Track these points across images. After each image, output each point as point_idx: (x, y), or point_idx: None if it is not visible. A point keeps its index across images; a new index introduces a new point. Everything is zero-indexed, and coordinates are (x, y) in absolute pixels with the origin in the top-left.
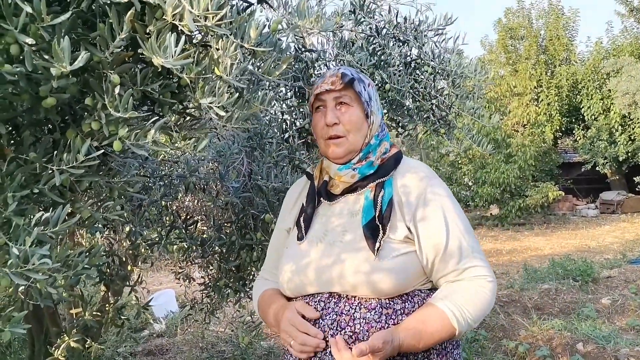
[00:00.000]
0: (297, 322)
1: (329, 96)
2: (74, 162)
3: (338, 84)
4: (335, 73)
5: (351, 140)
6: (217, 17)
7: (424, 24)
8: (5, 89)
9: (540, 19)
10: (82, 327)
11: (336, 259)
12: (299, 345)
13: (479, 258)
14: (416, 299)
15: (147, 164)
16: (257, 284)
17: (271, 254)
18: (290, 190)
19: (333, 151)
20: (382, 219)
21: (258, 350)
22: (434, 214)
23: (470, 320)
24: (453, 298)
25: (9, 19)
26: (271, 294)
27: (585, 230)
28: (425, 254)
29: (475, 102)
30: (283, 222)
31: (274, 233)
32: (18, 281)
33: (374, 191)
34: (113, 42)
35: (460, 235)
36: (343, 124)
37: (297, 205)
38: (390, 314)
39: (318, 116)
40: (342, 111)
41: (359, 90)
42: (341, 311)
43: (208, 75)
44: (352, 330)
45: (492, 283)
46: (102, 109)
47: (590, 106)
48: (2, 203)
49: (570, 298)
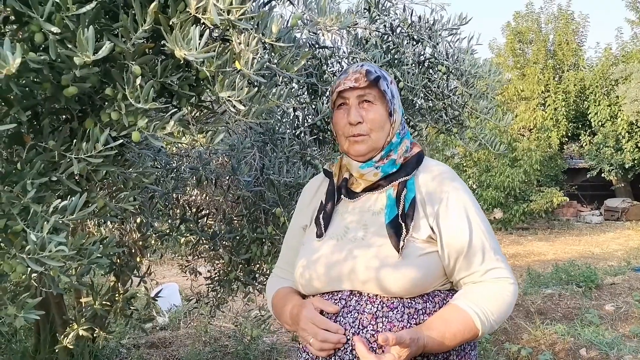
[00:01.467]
0: (316, 319)
1: (352, 94)
2: (92, 152)
3: (362, 81)
4: (359, 70)
5: (374, 139)
6: (240, 12)
7: (439, 23)
8: (27, 77)
9: (549, 24)
10: (91, 316)
11: (352, 258)
12: (319, 342)
13: (501, 260)
14: (437, 299)
15: (159, 156)
16: (270, 282)
17: (286, 252)
18: (307, 187)
19: (355, 149)
20: (405, 218)
21: (261, 346)
22: (456, 214)
23: (493, 322)
24: (476, 299)
25: (34, 7)
26: (286, 293)
27: (589, 237)
28: (447, 253)
29: (489, 101)
30: (299, 220)
31: (289, 231)
32: (35, 267)
33: (396, 190)
34: (135, 34)
35: (483, 236)
36: (367, 122)
37: (313, 202)
38: (412, 313)
39: (340, 113)
40: (366, 109)
41: (383, 89)
42: (363, 309)
43: (227, 69)
44: (374, 328)
45: (513, 285)
46: (123, 100)
47: (597, 112)
48: (21, 190)
49: (574, 304)
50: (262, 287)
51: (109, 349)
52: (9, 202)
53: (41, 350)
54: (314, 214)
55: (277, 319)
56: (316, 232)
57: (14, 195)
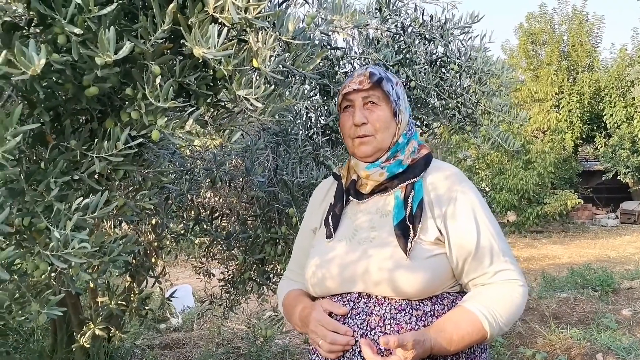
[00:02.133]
0: (325, 321)
1: (357, 96)
2: (112, 151)
3: (366, 83)
4: (363, 72)
5: (379, 139)
6: (257, 10)
7: (450, 22)
8: (50, 78)
9: (563, 25)
10: (107, 315)
11: (365, 258)
12: (328, 344)
13: (510, 262)
14: (445, 302)
15: (175, 157)
16: (282, 285)
17: (296, 254)
18: (317, 190)
19: (361, 150)
20: (413, 220)
21: (273, 348)
22: (464, 215)
23: (502, 324)
24: (484, 301)
25: (58, 9)
26: (296, 295)
27: (605, 240)
28: (455, 255)
29: (502, 99)
30: (309, 222)
31: (300, 233)
32: (58, 264)
33: (404, 191)
34: (155, 34)
35: (491, 238)
36: (371, 123)
37: (323, 205)
38: (421, 315)
39: (346, 116)
40: (370, 110)
41: (387, 90)
42: (371, 311)
43: (244, 68)
44: (382, 330)
45: (523, 287)
46: (142, 99)
47: (612, 114)
48: (44, 188)
49: (590, 308)
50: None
51: (124, 349)
52: (33, 201)
53: (58, 350)
54: (324, 216)
55: (288, 320)
56: (326, 234)
57: (38, 194)
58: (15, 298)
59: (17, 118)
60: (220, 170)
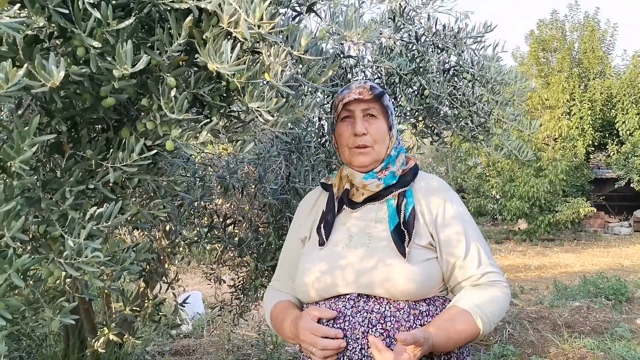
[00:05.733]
0: (314, 329)
1: (357, 106)
2: (127, 160)
3: (367, 94)
4: (362, 85)
5: (377, 150)
6: (270, 26)
7: (463, 31)
8: (68, 89)
9: (574, 32)
10: (121, 321)
11: (365, 261)
12: (321, 351)
13: (494, 265)
14: (437, 303)
15: (188, 165)
16: (268, 295)
17: (283, 265)
18: (304, 202)
19: (359, 160)
20: (407, 225)
21: (283, 355)
22: (453, 222)
23: (492, 322)
24: (476, 301)
25: (77, 23)
26: (285, 307)
27: (617, 249)
28: (445, 259)
29: (515, 108)
30: (297, 233)
31: (287, 244)
32: (71, 272)
33: (397, 200)
34: (171, 47)
35: (478, 243)
36: (370, 134)
37: (312, 215)
38: (417, 315)
39: (344, 125)
40: (369, 122)
41: (386, 104)
42: (371, 309)
43: (257, 80)
44: (383, 327)
45: (507, 288)
46: (158, 110)
47: (625, 121)
48: (60, 197)
49: (603, 317)
50: None
51: (135, 355)
52: (49, 209)
53: (70, 355)
54: (313, 226)
55: (276, 331)
56: (319, 241)
57: (54, 202)
58: (29, 304)
59: (34, 128)
60: (233, 177)
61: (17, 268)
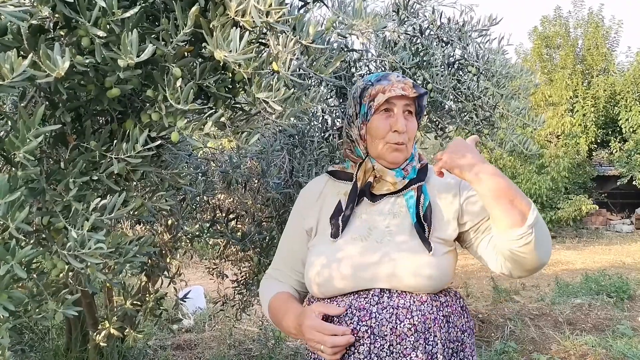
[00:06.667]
0: (321, 327)
1: (400, 102)
2: (131, 152)
3: (411, 92)
4: (404, 80)
5: (409, 148)
6: (279, 14)
7: (468, 24)
8: (73, 80)
9: (578, 28)
10: (122, 315)
11: (389, 256)
12: (330, 349)
13: None
14: (451, 294)
15: (191, 159)
16: (266, 284)
17: (284, 255)
18: (307, 191)
19: (395, 156)
20: (426, 219)
21: (285, 350)
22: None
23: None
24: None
25: (82, 12)
26: (285, 300)
27: (619, 246)
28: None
29: (520, 102)
30: (301, 222)
31: (289, 233)
32: (75, 264)
33: (416, 193)
34: (176, 37)
35: None
36: (408, 132)
37: (317, 204)
38: (439, 305)
39: (382, 118)
40: (408, 120)
41: (423, 105)
42: (397, 305)
43: (264, 71)
44: (410, 322)
45: None
46: (163, 101)
47: (628, 118)
48: (64, 188)
49: (604, 314)
50: None
51: (137, 349)
52: (52, 200)
53: (72, 349)
54: (321, 216)
55: (274, 323)
56: (331, 233)
57: (57, 193)
58: (32, 296)
59: (39, 119)
60: (236, 172)
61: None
